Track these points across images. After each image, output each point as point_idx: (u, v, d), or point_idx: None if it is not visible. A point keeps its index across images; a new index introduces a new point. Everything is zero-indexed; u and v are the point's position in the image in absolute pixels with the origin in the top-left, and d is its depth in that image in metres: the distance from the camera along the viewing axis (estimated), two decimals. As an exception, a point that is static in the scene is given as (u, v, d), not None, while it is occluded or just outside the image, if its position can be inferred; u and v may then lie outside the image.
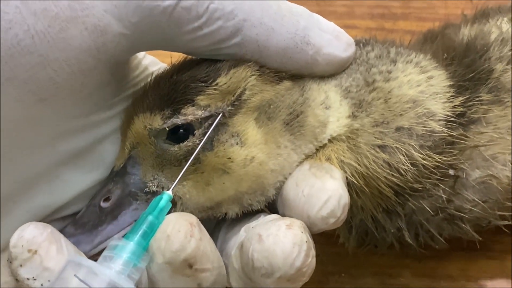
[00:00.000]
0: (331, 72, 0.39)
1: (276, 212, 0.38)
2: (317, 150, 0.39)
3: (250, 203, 0.38)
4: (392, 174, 0.38)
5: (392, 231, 0.41)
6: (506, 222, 0.42)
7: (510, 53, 0.41)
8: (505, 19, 0.44)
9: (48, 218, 0.39)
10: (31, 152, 0.37)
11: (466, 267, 0.47)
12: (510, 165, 0.40)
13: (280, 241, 0.33)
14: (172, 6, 0.34)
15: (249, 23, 0.36)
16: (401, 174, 0.38)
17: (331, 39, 0.38)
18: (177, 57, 0.39)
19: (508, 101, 0.40)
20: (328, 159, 0.38)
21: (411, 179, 0.38)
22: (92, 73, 0.36)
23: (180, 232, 0.33)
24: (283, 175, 0.38)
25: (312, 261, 0.34)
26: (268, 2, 0.36)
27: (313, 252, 0.34)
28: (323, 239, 0.44)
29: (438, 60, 0.41)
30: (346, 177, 0.38)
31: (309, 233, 0.35)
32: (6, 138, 0.35)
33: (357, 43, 0.41)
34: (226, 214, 0.38)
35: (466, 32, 0.44)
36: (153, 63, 0.43)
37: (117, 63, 0.37)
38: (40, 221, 0.38)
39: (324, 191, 0.35)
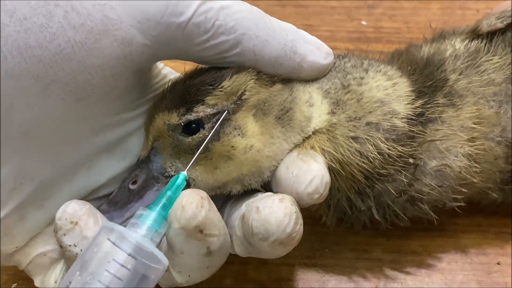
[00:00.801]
0: (314, 76, 0.41)
1: (271, 191, 0.40)
2: (304, 140, 0.40)
3: (250, 183, 0.39)
4: (363, 161, 0.39)
5: (362, 209, 0.42)
6: (458, 204, 0.43)
7: (462, 65, 0.43)
8: (458, 39, 0.46)
9: (87, 198, 0.40)
10: (73, 144, 0.38)
11: (426, 244, 0.48)
12: (461, 156, 0.41)
13: (274, 211, 0.35)
14: (185, 22, 0.36)
15: (247, 36, 0.37)
16: (370, 161, 0.39)
17: (314, 49, 0.40)
18: (190, 66, 0.41)
19: (460, 104, 0.41)
20: (312, 147, 0.40)
21: (378, 165, 0.40)
22: (121, 77, 0.37)
23: (192, 204, 0.34)
24: (276, 160, 0.39)
25: (300, 228, 0.36)
26: (262, 19, 0.38)
27: (300, 221, 0.36)
28: (310, 221, 0.46)
29: (403, 71, 0.43)
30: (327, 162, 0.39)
31: (297, 206, 0.36)
32: (52, 133, 0.37)
33: (338, 56, 0.43)
34: (230, 192, 0.40)
35: (426, 50, 0.46)
36: (170, 72, 0.45)
37: (141, 70, 0.39)
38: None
39: (310, 172, 0.37)
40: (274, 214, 0.35)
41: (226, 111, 0.37)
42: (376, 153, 0.39)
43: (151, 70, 0.42)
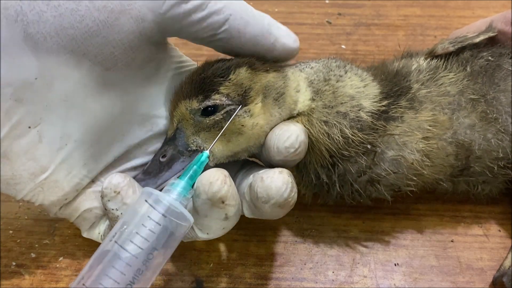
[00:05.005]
0: (284, 57, 0.43)
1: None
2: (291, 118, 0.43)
3: (253, 151, 0.42)
4: (329, 141, 0.42)
5: (326, 182, 0.44)
6: (410, 188, 0.45)
7: (423, 78, 0.45)
8: (422, 57, 0.48)
9: (122, 167, 0.43)
10: (108, 112, 0.40)
11: (394, 225, 0.49)
12: (415, 151, 0.43)
13: (275, 180, 0.37)
14: (185, 3, 0.38)
15: (233, 17, 0.39)
16: (334, 142, 0.42)
17: (285, 34, 0.42)
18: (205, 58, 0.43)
19: (419, 108, 0.44)
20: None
21: (341, 147, 0.42)
22: (138, 50, 0.39)
23: (218, 180, 0.37)
24: None
25: (294, 195, 0.38)
26: (245, 5, 0.40)
27: (295, 190, 0.38)
28: (301, 207, 0.49)
29: (376, 77, 0.45)
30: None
31: (293, 178, 0.39)
32: (89, 101, 0.39)
33: (328, 57, 0.46)
34: (239, 159, 0.42)
35: (397, 64, 0.48)
36: (188, 60, 0.46)
37: (154, 44, 0.41)
38: (117, 169, 0.42)
39: (288, 131, 0.40)
40: (274, 183, 0.37)
41: (240, 106, 0.40)
42: (340, 136, 0.42)
43: (166, 49, 0.44)
